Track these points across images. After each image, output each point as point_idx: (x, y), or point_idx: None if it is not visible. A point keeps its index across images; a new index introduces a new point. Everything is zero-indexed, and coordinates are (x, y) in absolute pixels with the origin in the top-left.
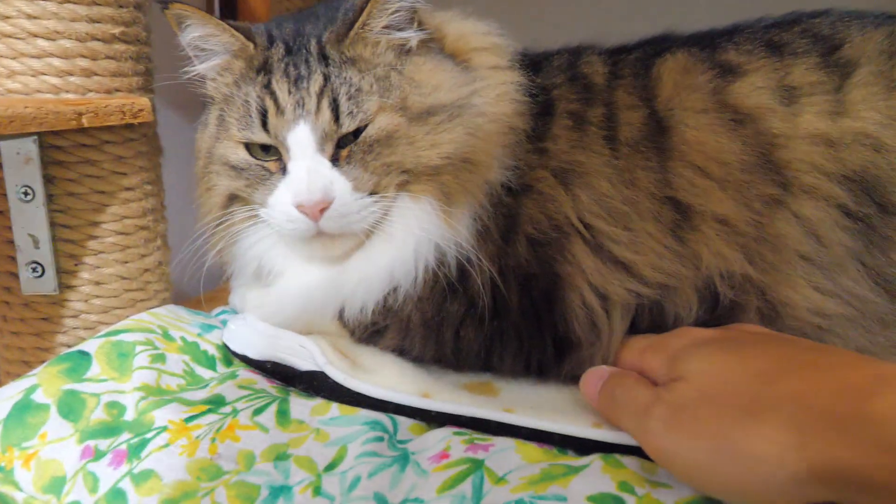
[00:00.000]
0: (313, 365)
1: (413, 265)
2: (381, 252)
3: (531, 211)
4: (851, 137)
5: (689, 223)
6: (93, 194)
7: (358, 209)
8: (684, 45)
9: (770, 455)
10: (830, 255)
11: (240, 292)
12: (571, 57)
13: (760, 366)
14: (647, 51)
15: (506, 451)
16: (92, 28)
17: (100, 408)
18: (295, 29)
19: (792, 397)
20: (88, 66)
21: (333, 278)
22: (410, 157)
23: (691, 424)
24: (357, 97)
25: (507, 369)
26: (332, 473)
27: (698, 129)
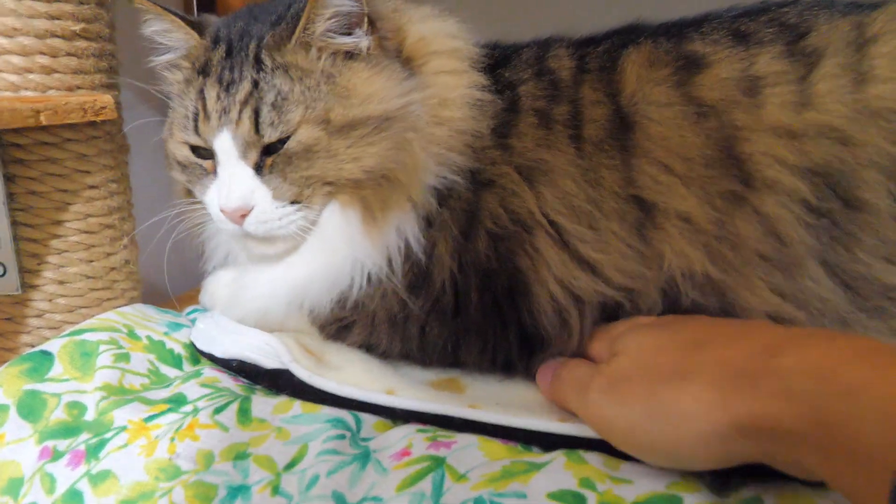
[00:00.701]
0: (278, 363)
1: (349, 271)
2: (317, 256)
3: (491, 206)
4: (816, 130)
5: (653, 222)
6: (55, 193)
7: (279, 217)
8: (652, 35)
9: (696, 413)
10: (791, 255)
11: (209, 290)
12: (540, 50)
13: (688, 337)
14: (616, 42)
15: (468, 448)
16: (51, 25)
17: (60, 408)
18: (242, 28)
19: (715, 361)
20: (48, 64)
21: (288, 275)
22: (331, 171)
23: (626, 391)
24: (282, 107)
25: (474, 365)
26: (291, 472)
27: (662, 123)
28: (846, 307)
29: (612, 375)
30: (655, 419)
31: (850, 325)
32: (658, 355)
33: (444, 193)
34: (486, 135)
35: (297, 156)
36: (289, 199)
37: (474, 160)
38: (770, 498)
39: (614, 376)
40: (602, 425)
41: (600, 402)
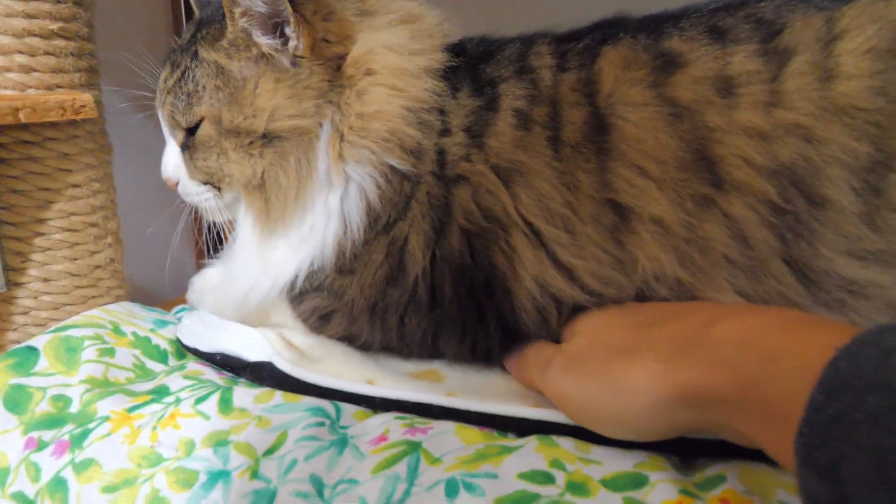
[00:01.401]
0: (262, 356)
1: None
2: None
3: (464, 202)
4: (784, 129)
5: (628, 226)
6: (38, 191)
7: (196, 193)
8: (632, 30)
9: (643, 384)
10: (756, 256)
11: (196, 287)
12: (523, 47)
13: (641, 317)
14: (596, 37)
15: (445, 434)
16: (29, 24)
17: (45, 401)
18: (204, 16)
19: (662, 336)
20: (27, 63)
21: (259, 267)
22: (221, 168)
23: (583, 367)
24: (192, 98)
25: (454, 355)
26: (270, 458)
27: (638, 125)
28: (807, 302)
29: (571, 353)
30: (608, 392)
31: None
32: (612, 333)
33: (406, 191)
34: (430, 145)
35: (200, 146)
36: (200, 180)
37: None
38: (734, 475)
39: (572, 354)
40: (561, 400)
41: (559, 378)
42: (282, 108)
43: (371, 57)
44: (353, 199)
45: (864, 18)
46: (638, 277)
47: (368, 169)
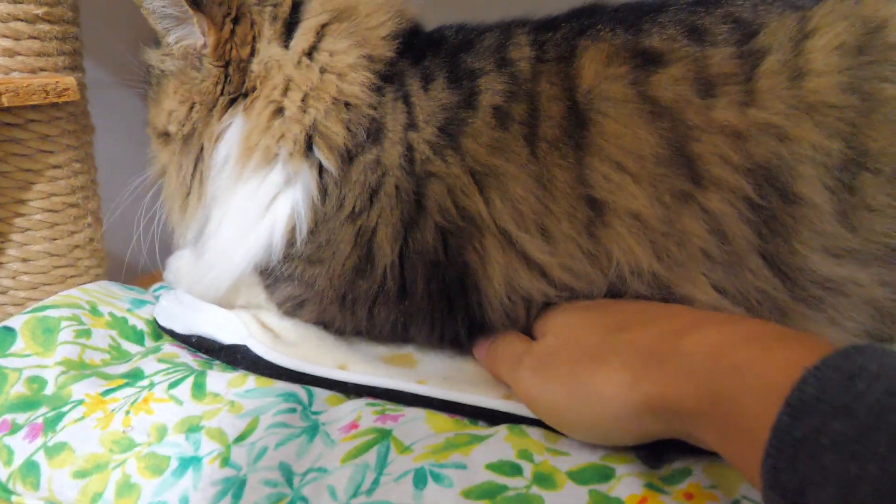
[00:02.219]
0: (237, 338)
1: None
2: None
3: (439, 199)
4: (758, 128)
5: (603, 220)
6: (19, 172)
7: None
8: (611, 21)
9: (611, 392)
10: (733, 250)
11: (173, 267)
12: (502, 36)
13: (609, 321)
14: (574, 27)
15: (415, 422)
16: (14, 9)
17: (20, 382)
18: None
19: (629, 343)
20: (11, 47)
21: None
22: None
23: (552, 371)
24: (148, 94)
25: (425, 342)
26: (241, 444)
27: (617, 120)
28: (785, 298)
29: (540, 354)
30: (576, 398)
31: (789, 315)
32: (582, 336)
33: (371, 182)
34: (396, 139)
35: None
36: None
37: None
38: (699, 469)
39: (542, 355)
40: (530, 401)
41: (529, 379)
42: (176, 112)
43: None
44: (298, 193)
45: (834, 15)
46: (612, 272)
47: (297, 167)
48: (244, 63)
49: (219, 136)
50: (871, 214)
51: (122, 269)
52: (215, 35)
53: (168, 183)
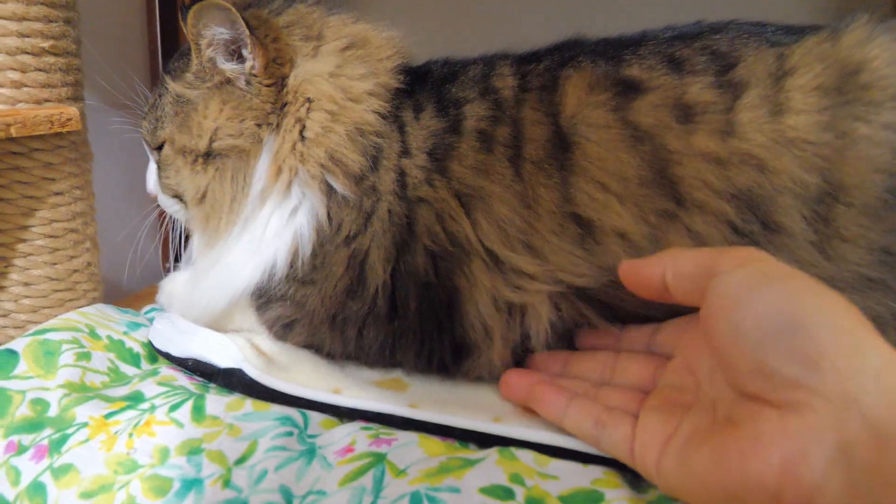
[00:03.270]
0: (232, 362)
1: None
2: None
3: (428, 223)
4: (739, 158)
5: (593, 237)
6: (22, 199)
7: (169, 205)
8: (591, 53)
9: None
10: None
11: (166, 290)
12: (486, 68)
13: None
14: (556, 60)
15: (409, 445)
16: (22, 42)
17: (25, 404)
18: (180, 49)
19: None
20: (18, 79)
21: (220, 274)
22: (180, 184)
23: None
24: (160, 121)
25: (412, 366)
26: (241, 467)
27: (600, 144)
28: None
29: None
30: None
31: None
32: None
33: (366, 207)
34: (390, 165)
35: (163, 164)
36: (169, 195)
37: (360, 189)
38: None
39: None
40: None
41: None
42: (223, 128)
43: (308, 86)
44: (304, 215)
45: (811, 57)
46: (609, 275)
47: (312, 191)
48: (285, 80)
49: (259, 154)
50: (844, 244)
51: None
52: (263, 56)
53: (210, 202)
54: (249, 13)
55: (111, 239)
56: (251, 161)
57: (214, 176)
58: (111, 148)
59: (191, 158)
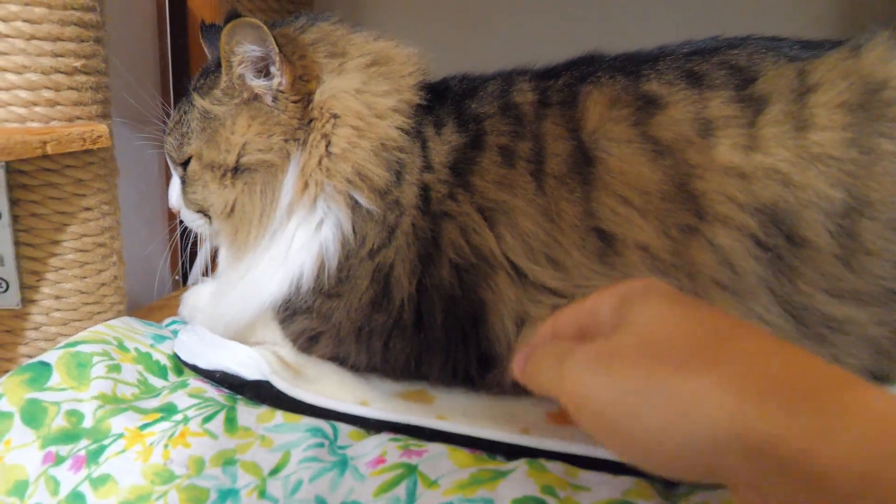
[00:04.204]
0: (259, 375)
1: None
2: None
3: (452, 237)
4: (762, 172)
5: (614, 249)
6: (55, 215)
7: (192, 220)
8: (610, 69)
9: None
10: (743, 283)
11: (189, 303)
12: (504, 83)
13: (715, 324)
14: (575, 75)
15: (438, 457)
16: (56, 62)
17: (60, 415)
18: (205, 65)
19: (747, 358)
20: (52, 97)
21: (246, 288)
22: (207, 198)
23: (619, 364)
24: (186, 136)
25: (437, 378)
26: (276, 477)
27: (622, 159)
28: (793, 335)
29: (605, 347)
30: (646, 403)
31: None
32: (674, 334)
33: (390, 221)
34: (413, 180)
35: (189, 180)
36: (193, 209)
37: (385, 203)
38: (717, 503)
39: (607, 348)
40: (576, 398)
41: (581, 371)
42: (252, 143)
43: (334, 102)
44: (330, 229)
45: (835, 74)
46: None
47: (338, 205)
48: (311, 96)
49: (287, 168)
50: (869, 258)
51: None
52: (290, 73)
53: (239, 216)
54: (277, 31)
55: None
56: (279, 175)
57: (243, 190)
58: (123, 163)
59: (219, 173)
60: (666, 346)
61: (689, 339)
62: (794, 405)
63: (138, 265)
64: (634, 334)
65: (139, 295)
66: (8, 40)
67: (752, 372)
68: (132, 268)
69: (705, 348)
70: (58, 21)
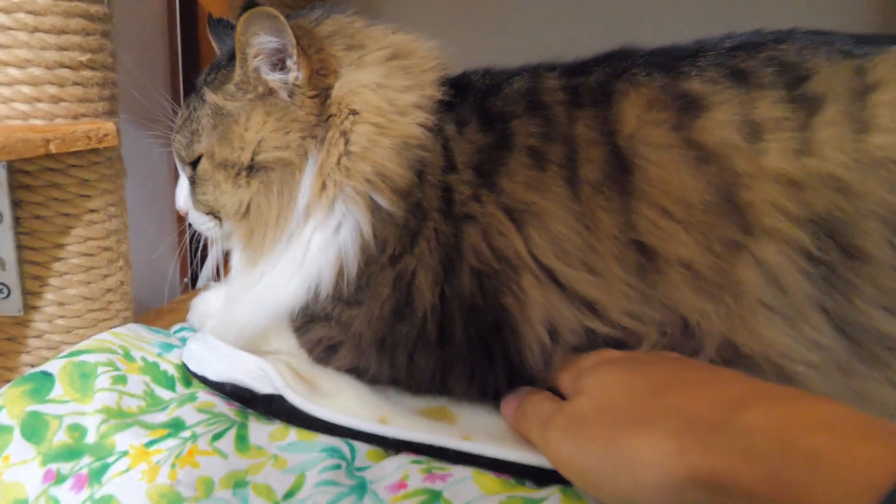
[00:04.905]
0: (272, 388)
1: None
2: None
3: (474, 241)
4: (817, 179)
5: (655, 266)
6: (58, 217)
7: (201, 222)
8: (645, 65)
9: (653, 461)
10: (792, 303)
11: (198, 310)
12: (532, 80)
13: (652, 382)
14: (608, 71)
15: (464, 482)
16: (60, 56)
17: (62, 430)
18: (216, 60)
19: (676, 408)
20: (56, 93)
21: (260, 294)
22: (218, 199)
23: (586, 432)
24: (196, 134)
25: (463, 393)
26: (290, 501)
27: (661, 166)
28: (844, 355)
29: (573, 415)
30: (612, 464)
31: (849, 374)
32: (620, 397)
33: (412, 226)
34: (434, 181)
35: (199, 179)
36: (203, 211)
37: (406, 204)
38: None
39: (575, 416)
40: (561, 464)
41: (560, 440)
42: (268, 140)
43: (353, 97)
44: (348, 232)
45: None
46: (670, 318)
47: (357, 207)
48: (329, 91)
49: (304, 167)
50: None
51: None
52: (308, 66)
53: (255, 217)
54: (292, 23)
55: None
56: (297, 175)
57: (259, 189)
58: (130, 162)
59: (233, 172)
60: (616, 406)
61: (629, 399)
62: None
63: (146, 269)
64: (591, 399)
65: (147, 300)
66: (10, 32)
67: (682, 420)
68: (140, 272)
69: (644, 406)
70: (63, 13)
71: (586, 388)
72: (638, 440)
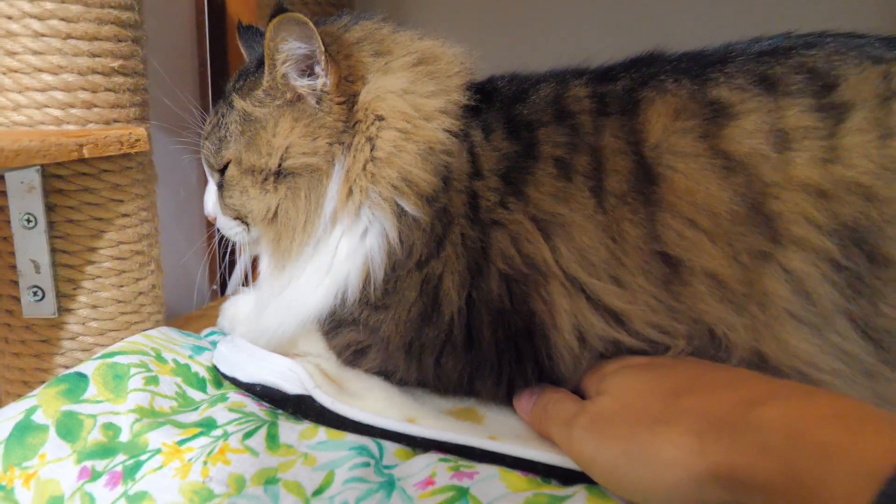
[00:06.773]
0: (301, 389)
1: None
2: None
3: (502, 246)
4: (843, 187)
5: (680, 278)
6: (91, 221)
7: (229, 227)
8: (673, 71)
9: (675, 458)
10: (819, 312)
11: (228, 314)
12: (558, 87)
13: (673, 383)
14: (635, 79)
15: (490, 479)
16: (93, 62)
17: (96, 429)
18: (244, 67)
19: (696, 408)
20: (89, 99)
21: (292, 299)
22: (246, 204)
23: (608, 431)
24: (224, 140)
25: (490, 396)
26: (320, 498)
27: (688, 175)
28: (871, 360)
29: (596, 414)
30: (634, 461)
31: (877, 379)
32: (642, 398)
33: (438, 231)
34: (461, 187)
35: (227, 185)
36: (231, 216)
37: (432, 210)
38: None
39: (598, 415)
40: (584, 461)
41: (583, 438)
42: (296, 146)
43: (379, 103)
44: (375, 238)
45: None
46: (697, 331)
47: (383, 213)
48: (356, 97)
49: (332, 173)
50: None
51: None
52: (336, 73)
53: (283, 222)
54: (321, 29)
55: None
56: (324, 180)
57: (286, 195)
58: (161, 168)
59: (260, 178)
60: (637, 406)
61: (651, 400)
62: (731, 434)
63: (176, 274)
64: (614, 399)
65: (177, 305)
66: (43, 39)
67: (702, 419)
68: (169, 277)
69: (665, 406)
70: (95, 19)
71: (609, 389)
72: (659, 439)
